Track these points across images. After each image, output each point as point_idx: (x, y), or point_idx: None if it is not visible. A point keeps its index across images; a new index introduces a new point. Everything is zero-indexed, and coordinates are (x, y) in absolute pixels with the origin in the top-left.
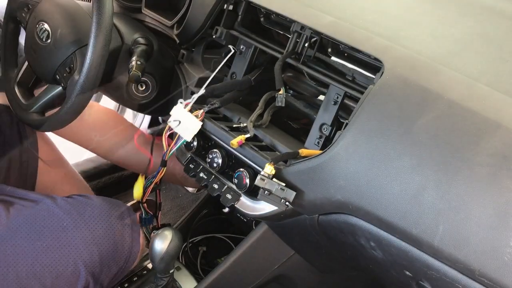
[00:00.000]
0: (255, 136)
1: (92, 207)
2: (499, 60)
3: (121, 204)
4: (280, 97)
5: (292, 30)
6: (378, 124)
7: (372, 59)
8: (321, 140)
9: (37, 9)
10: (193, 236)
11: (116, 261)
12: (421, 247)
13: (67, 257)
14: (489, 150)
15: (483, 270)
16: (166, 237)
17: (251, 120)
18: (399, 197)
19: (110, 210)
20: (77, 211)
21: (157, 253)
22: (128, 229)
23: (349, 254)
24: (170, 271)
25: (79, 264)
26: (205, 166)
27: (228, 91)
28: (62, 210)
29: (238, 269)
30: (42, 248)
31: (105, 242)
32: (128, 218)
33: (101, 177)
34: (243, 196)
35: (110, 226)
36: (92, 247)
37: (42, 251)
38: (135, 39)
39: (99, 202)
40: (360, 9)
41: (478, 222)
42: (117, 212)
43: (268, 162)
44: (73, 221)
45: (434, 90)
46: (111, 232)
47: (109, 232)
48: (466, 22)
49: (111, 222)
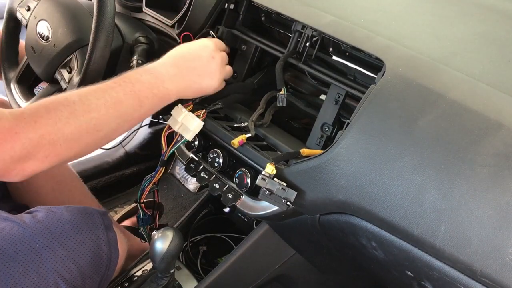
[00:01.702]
0: (256, 135)
1: (63, 222)
2: (501, 60)
3: (92, 211)
4: (281, 97)
5: (293, 30)
6: (380, 124)
7: (373, 59)
8: (322, 140)
9: (38, 8)
10: (193, 236)
11: (96, 271)
12: (423, 247)
13: (46, 278)
14: (491, 150)
15: (485, 271)
16: (167, 236)
17: (252, 120)
18: (401, 197)
19: (81, 221)
20: (48, 230)
21: (158, 253)
22: (103, 236)
23: (350, 254)
24: (171, 271)
25: (59, 282)
26: (206, 166)
27: (231, 94)
28: (32, 230)
29: (238, 269)
30: (19, 274)
31: (82, 256)
32: (101, 225)
33: (101, 177)
34: (244, 195)
35: (83, 239)
36: (69, 263)
37: (19, 276)
38: (136, 38)
39: (68, 216)
40: (361, 9)
41: (480, 223)
42: (89, 222)
43: (269, 162)
44: (45, 241)
45: (436, 90)
46: (86, 244)
47: (83, 245)
48: (468, 21)
49: (84, 234)
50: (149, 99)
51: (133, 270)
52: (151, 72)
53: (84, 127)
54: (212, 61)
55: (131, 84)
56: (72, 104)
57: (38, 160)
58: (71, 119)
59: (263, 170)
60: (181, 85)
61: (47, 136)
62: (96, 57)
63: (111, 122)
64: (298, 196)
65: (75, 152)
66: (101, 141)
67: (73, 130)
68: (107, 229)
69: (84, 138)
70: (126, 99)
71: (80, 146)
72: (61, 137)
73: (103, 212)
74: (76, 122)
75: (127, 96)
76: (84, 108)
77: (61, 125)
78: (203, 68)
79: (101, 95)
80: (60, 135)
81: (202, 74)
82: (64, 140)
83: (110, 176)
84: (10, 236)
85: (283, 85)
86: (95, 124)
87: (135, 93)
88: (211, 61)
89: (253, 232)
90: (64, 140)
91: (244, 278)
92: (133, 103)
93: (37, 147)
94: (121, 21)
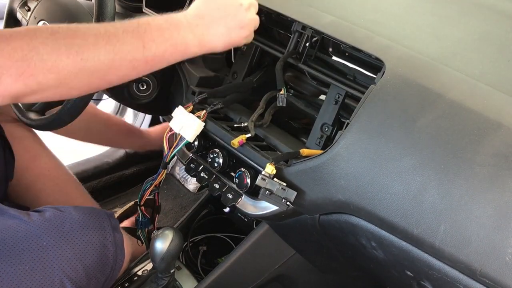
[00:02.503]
0: (256, 135)
1: (71, 222)
2: (500, 60)
3: (99, 212)
4: (281, 97)
5: (293, 30)
6: (379, 124)
7: (373, 59)
8: (322, 140)
9: (38, 8)
10: (193, 236)
11: (102, 271)
12: (422, 247)
13: (51, 276)
14: (490, 150)
15: (484, 270)
16: (167, 236)
17: (252, 120)
18: (400, 197)
19: (89, 222)
20: (56, 228)
21: (158, 253)
22: (110, 237)
23: (350, 254)
24: (171, 271)
25: (65, 282)
26: (206, 166)
27: (230, 93)
28: (39, 228)
29: (238, 269)
30: (25, 271)
31: (88, 256)
32: (108, 226)
33: (101, 177)
34: (244, 195)
35: (91, 239)
36: (76, 262)
37: (25, 274)
38: None
39: (76, 215)
40: (361, 9)
41: (479, 222)
42: (97, 222)
43: (269, 162)
44: (52, 239)
45: (435, 90)
46: (93, 244)
47: (90, 245)
48: (468, 21)
49: (92, 235)
50: (157, 43)
51: (133, 270)
52: (167, 19)
53: (63, 50)
54: (240, 8)
55: (136, 24)
56: (56, 28)
57: (11, 76)
58: (49, 40)
59: (263, 170)
60: (206, 37)
61: (19, 50)
62: None
63: (101, 54)
64: (297, 196)
65: (54, 79)
66: (89, 75)
67: (49, 50)
68: (114, 230)
69: (64, 64)
70: (124, 36)
71: (60, 74)
72: (35, 55)
73: (111, 213)
74: (55, 43)
75: (127, 34)
76: (68, 33)
77: (36, 43)
78: (232, 18)
79: (95, 27)
80: (34, 53)
81: (231, 24)
82: (40, 60)
83: (110, 176)
84: (17, 233)
85: (283, 85)
86: (78, 51)
87: (139, 34)
88: (239, 9)
89: (253, 232)
90: (39, 59)
91: (244, 278)
92: (133, 41)
93: (8, 60)
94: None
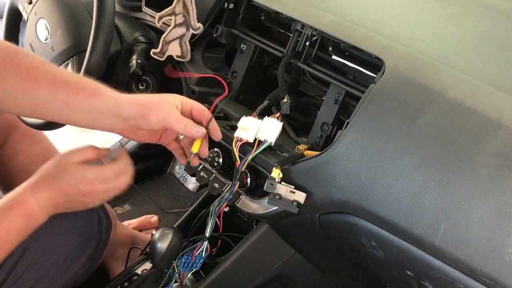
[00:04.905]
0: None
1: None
2: (500, 59)
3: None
4: (285, 105)
5: (293, 29)
6: (379, 124)
7: (373, 58)
8: (322, 139)
9: (39, 4)
10: (193, 235)
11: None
12: (422, 246)
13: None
14: (491, 150)
15: (485, 270)
16: (167, 236)
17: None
18: (400, 197)
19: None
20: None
21: (157, 252)
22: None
23: (350, 253)
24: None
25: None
26: (206, 165)
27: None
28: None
29: (238, 268)
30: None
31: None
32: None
33: None
34: (243, 195)
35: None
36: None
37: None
38: (136, 37)
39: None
40: (361, 8)
41: (480, 222)
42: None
43: (274, 166)
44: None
45: (436, 89)
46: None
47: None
48: (468, 21)
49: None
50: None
51: (133, 270)
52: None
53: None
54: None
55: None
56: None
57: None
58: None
59: (264, 170)
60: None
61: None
62: (95, 57)
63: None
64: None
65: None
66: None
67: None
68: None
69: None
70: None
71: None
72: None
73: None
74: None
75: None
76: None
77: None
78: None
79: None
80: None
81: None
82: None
83: None
84: None
85: (285, 93)
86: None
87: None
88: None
89: (253, 232)
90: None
91: (244, 278)
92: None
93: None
94: (120, 20)
